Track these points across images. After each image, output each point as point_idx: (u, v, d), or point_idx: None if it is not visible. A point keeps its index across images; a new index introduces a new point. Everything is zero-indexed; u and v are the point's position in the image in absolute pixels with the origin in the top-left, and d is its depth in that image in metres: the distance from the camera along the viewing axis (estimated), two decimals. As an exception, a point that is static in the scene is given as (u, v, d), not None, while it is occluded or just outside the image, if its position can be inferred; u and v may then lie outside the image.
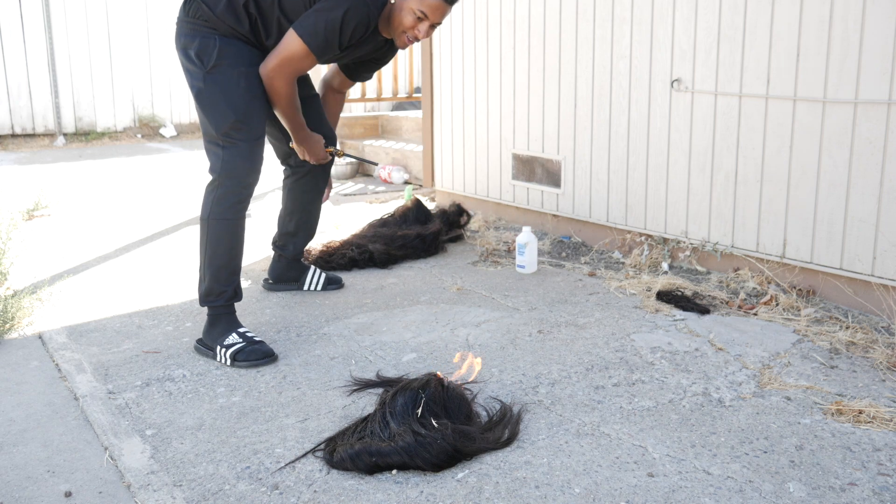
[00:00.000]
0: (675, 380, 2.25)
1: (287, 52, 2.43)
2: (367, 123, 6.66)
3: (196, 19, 2.44)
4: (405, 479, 1.75)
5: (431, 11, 2.50)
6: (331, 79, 2.99)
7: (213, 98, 2.43)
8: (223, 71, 2.43)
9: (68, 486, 1.75)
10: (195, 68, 2.45)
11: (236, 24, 2.44)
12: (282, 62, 2.44)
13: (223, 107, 2.43)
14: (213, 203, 2.47)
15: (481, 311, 2.87)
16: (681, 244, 3.33)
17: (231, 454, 1.87)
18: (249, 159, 2.49)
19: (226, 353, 2.40)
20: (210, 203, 2.48)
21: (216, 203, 2.47)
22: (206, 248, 2.49)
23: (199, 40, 2.43)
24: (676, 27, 3.18)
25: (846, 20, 2.65)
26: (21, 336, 2.68)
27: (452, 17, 4.33)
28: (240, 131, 2.45)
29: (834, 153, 2.75)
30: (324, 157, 2.81)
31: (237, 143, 2.45)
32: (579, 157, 3.71)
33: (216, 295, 2.49)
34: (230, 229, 2.50)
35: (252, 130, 2.48)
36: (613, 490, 1.70)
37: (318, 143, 2.77)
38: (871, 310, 2.73)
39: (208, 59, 2.42)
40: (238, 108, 2.44)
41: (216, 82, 2.43)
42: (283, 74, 2.46)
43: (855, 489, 1.69)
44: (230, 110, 2.42)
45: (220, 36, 2.44)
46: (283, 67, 2.45)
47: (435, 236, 3.69)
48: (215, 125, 2.44)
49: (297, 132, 2.68)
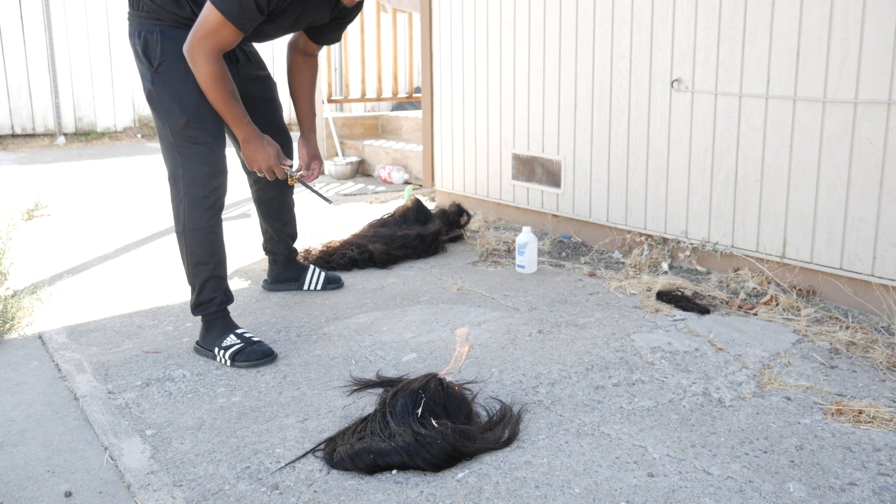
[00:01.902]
0: (675, 380, 2.25)
1: (203, 24, 2.22)
2: (367, 123, 6.66)
3: (140, 11, 2.34)
4: (405, 479, 1.75)
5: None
6: (295, 41, 2.77)
7: (163, 99, 2.30)
8: (169, 68, 2.30)
9: (68, 486, 1.75)
10: (144, 68, 2.34)
11: (177, 9, 2.32)
12: (199, 37, 2.22)
13: (174, 108, 2.30)
14: (184, 215, 2.37)
15: (481, 311, 2.87)
16: (681, 244, 3.33)
17: (231, 454, 1.87)
18: (210, 162, 2.35)
19: (224, 354, 2.38)
20: (181, 216, 2.37)
21: (187, 215, 2.36)
22: (188, 262, 2.42)
23: (143, 35, 2.32)
24: (676, 27, 3.18)
25: (846, 20, 2.65)
26: (21, 336, 2.68)
27: (452, 16, 4.34)
28: (195, 132, 2.31)
29: (834, 153, 2.75)
30: (273, 167, 2.46)
31: (194, 146, 2.32)
32: (579, 157, 3.71)
33: (206, 304, 2.45)
34: (207, 239, 2.40)
35: (208, 130, 2.34)
36: (613, 490, 1.70)
37: (269, 149, 2.44)
38: (871, 310, 2.73)
39: (154, 56, 2.30)
40: (188, 108, 2.30)
41: (164, 82, 2.30)
42: (202, 50, 2.22)
43: (855, 489, 1.69)
44: (181, 111, 2.29)
45: (164, 27, 2.31)
46: (201, 42, 2.22)
47: (435, 236, 3.69)
48: (169, 128, 2.31)
49: (237, 126, 2.37)
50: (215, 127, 2.37)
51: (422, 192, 4.92)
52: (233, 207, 4.90)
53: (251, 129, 2.39)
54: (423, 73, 4.82)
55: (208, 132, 2.34)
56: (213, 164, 2.35)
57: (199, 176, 2.34)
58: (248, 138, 2.40)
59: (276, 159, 2.44)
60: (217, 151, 2.37)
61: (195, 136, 2.32)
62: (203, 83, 2.27)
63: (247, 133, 2.39)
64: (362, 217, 4.41)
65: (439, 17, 4.44)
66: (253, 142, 2.41)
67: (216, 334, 2.44)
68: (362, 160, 6.14)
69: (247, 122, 2.37)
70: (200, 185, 2.34)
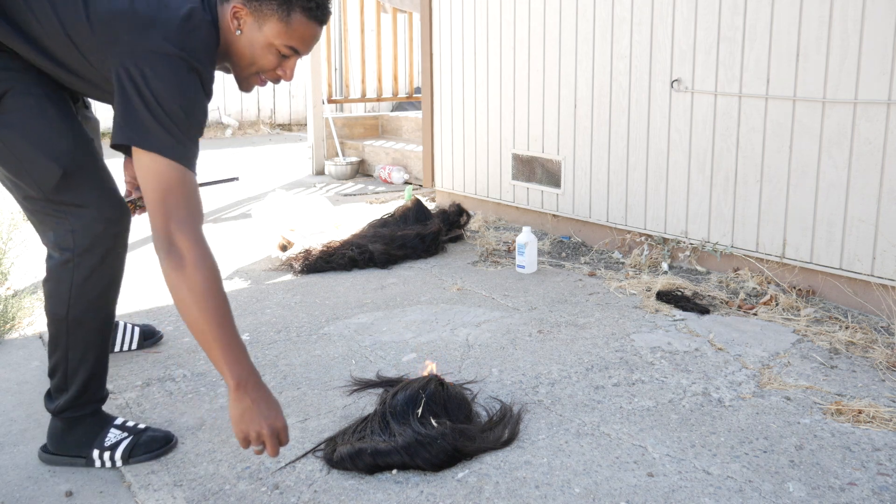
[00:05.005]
0: (675, 380, 2.25)
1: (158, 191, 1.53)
2: (367, 124, 6.66)
3: None
4: (405, 478, 1.75)
5: (305, 42, 1.68)
6: None
7: (18, 150, 1.64)
8: (13, 104, 1.62)
9: (69, 486, 1.75)
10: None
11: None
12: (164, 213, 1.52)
13: (39, 158, 1.64)
14: (74, 293, 1.71)
15: (481, 311, 2.87)
16: (681, 244, 3.33)
17: (231, 454, 1.87)
18: (109, 206, 1.72)
19: (112, 455, 1.82)
20: (68, 293, 1.71)
21: (79, 292, 1.72)
22: (67, 355, 1.76)
23: None
24: (676, 27, 3.18)
25: (846, 20, 2.65)
26: (22, 336, 2.68)
27: (452, 16, 4.34)
28: (77, 180, 1.68)
29: (833, 153, 2.75)
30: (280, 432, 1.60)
31: (78, 202, 1.68)
32: (579, 157, 3.71)
33: (82, 406, 1.82)
34: (104, 323, 1.79)
35: (90, 169, 1.72)
36: (613, 490, 1.70)
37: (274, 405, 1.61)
38: (870, 310, 2.73)
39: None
40: (61, 152, 1.66)
41: (12, 126, 1.63)
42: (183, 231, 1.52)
43: (854, 489, 1.70)
44: (50, 159, 1.64)
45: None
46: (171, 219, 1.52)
47: (435, 236, 3.69)
48: (38, 186, 1.66)
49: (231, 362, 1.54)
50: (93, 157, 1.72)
51: (422, 192, 4.92)
52: (233, 207, 4.90)
53: (250, 370, 1.57)
54: (423, 73, 4.82)
55: (91, 171, 1.72)
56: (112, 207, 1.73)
57: (100, 234, 1.71)
58: (246, 384, 1.55)
59: (283, 421, 1.60)
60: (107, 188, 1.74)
61: (79, 185, 1.69)
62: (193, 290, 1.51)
63: (244, 375, 1.56)
64: (362, 217, 4.41)
65: (439, 17, 4.44)
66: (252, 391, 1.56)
67: (85, 432, 1.83)
68: (362, 160, 6.14)
69: (246, 358, 1.57)
70: (103, 246, 1.72)
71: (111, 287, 1.78)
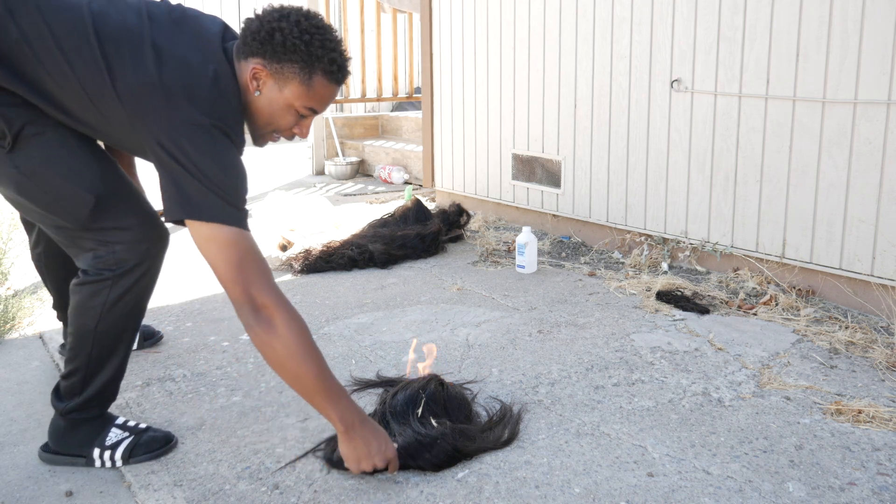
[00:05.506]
0: (675, 380, 2.26)
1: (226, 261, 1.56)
2: (368, 124, 6.67)
3: None
4: (405, 478, 1.76)
5: (324, 103, 1.69)
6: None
7: (46, 184, 1.64)
8: (33, 139, 1.61)
9: (69, 486, 1.75)
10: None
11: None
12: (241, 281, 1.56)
13: (68, 189, 1.64)
14: (106, 309, 1.72)
15: (481, 311, 2.87)
16: (680, 244, 3.33)
17: (231, 454, 1.87)
18: (151, 227, 1.74)
19: (112, 454, 1.83)
20: (101, 308, 1.72)
21: (111, 308, 1.73)
22: (90, 362, 1.77)
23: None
24: (676, 27, 3.18)
25: (846, 20, 2.65)
26: (22, 336, 2.68)
27: (452, 16, 4.34)
28: (112, 204, 1.69)
29: (833, 153, 2.76)
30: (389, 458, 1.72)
31: (119, 225, 1.69)
32: (579, 157, 3.71)
33: (92, 408, 1.84)
34: (132, 333, 1.81)
35: (124, 192, 1.73)
36: (613, 490, 1.70)
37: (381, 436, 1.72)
38: (870, 310, 2.73)
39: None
40: (89, 180, 1.66)
41: (34, 160, 1.62)
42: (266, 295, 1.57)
43: (854, 489, 1.70)
44: (80, 189, 1.64)
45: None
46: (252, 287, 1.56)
47: (435, 236, 3.69)
48: (72, 217, 1.66)
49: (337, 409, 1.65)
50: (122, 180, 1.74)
51: (422, 192, 4.92)
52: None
53: (354, 411, 1.68)
54: (423, 73, 4.82)
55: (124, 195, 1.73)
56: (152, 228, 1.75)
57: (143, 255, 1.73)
58: (353, 426, 1.67)
59: (393, 450, 1.72)
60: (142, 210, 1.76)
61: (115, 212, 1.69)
62: (289, 349, 1.57)
63: (349, 417, 1.67)
64: (362, 217, 4.41)
65: (439, 17, 4.45)
66: (360, 430, 1.67)
67: (88, 432, 1.84)
68: (362, 160, 6.14)
69: (348, 401, 1.67)
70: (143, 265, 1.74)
71: (143, 300, 1.79)
